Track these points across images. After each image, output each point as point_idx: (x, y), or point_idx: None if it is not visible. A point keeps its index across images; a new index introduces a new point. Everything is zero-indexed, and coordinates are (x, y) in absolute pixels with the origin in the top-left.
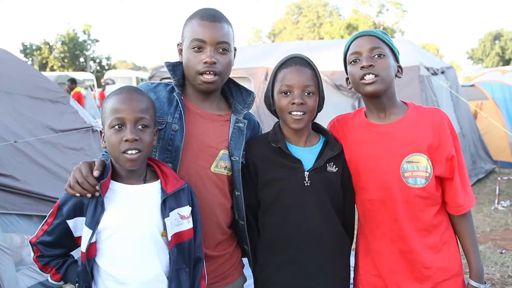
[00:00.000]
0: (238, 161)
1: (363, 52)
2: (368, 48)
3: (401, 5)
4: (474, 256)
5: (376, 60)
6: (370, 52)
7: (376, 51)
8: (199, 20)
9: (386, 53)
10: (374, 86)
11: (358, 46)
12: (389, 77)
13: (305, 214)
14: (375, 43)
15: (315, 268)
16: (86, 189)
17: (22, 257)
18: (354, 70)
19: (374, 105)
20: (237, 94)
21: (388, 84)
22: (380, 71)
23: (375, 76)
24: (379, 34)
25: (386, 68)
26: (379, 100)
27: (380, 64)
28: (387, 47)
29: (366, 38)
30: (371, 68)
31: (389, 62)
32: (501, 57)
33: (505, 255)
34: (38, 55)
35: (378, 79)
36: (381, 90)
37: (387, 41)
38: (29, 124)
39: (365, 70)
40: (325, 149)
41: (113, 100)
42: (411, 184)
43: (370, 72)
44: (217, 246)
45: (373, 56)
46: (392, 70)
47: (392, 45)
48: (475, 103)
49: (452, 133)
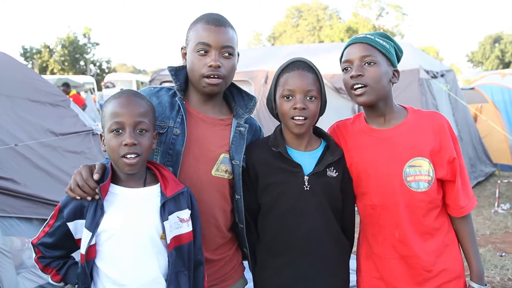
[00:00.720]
0: (239, 165)
1: (354, 61)
2: (358, 57)
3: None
4: (475, 257)
5: (366, 69)
6: (360, 61)
7: (367, 59)
8: (205, 24)
9: (378, 61)
10: (363, 97)
11: (350, 54)
12: (379, 86)
13: (304, 218)
14: (365, 51)
15: (314, 271)
16: (86, 192)
17: (23, 260)
18: (345, 78)
19: (371, 112)
20: (239, 99)
21: (379, 92)
22: (369, 80)
23: (364, 86)
24: (371, 41)
25: (376, 77)
26: (375, 107)
27: (370, 73)
28: (380, 53)
29: (357, 46)
30: (360, 78)
31: (380, 69)
32: (501, 60)
33: (505, 258)
34: (38, 59)
35: (367, 89)
36: (371, 100)
37: (379, 47)
38: (29, 127)
39: (354, 80)
40: (325, 154)
41: (113, 104)
42: (414, 188)
43: (358, 82)
44: (217, 249)
45: (363, 64)
46: (384, 77)
47: (386, 50)
48: (475, 106)
49: (452, 136)
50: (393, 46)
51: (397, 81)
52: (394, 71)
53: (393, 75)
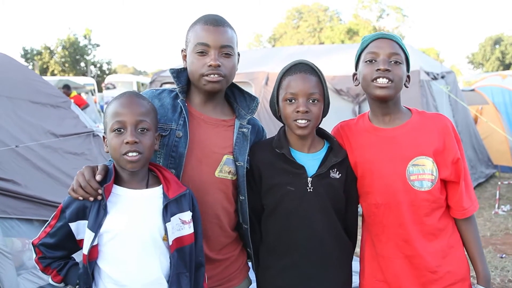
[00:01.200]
0: (243, 166)
1: (381, 54)
2: (387, 52)
3: (402, 9)
4: (481, 260)
5: (393, 66)
6: (388, 57)
7: (394, 57)
8: (203, 24)
9: (402, 61)
10: (386, 90)
11: (378, 47)
12: (401, 85)
13: (307, 220)
14: (395, 48)
15: (317, 272)
16: (89, 193)
17: (23, 262)
18: (367, 70)
19: (380, 109)
20: (241, 100)
21: (398, 91)
22: (394, 77)
23: (389, 81)
24: (400, 41)
25: (400, 75)
26: (386, 104)
27: (395, 70)
28: (404, 55)
29: (387, 41)
30: (387, 73)
31: (404, 70)
32: (501, 62)
33: (505, 260)
34: (39, 60)
35: (392, 85)
36: (392, 95)
37: (405, 49)
38: (30, 128)
39: (381, 73)
40: (329, 155)
41: (114, 105)
42: (417, 187)
43: (385, 76)
44: (222, 250)
45: (390, 61)
46: (404, 78)
47: (408, 54)
48: (475, 108)
49: (456, 137)
50: None
51: (408, 86)
52: (407, 76)
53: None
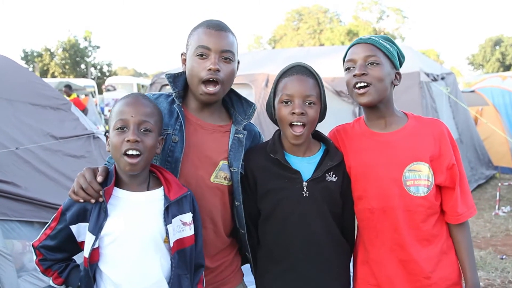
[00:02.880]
0: (238, 172)
1: (357, 60)
2: (362, 56)
3: (402, 11)
4: (470, 268)
5: (370, 68)
6: (364, 60)
7: (370, 59)
8: (205, 28)
9: (381, 61)
10: (366, 97)
11: (354, 54)
12: (382, 86)
13: (304, 224)
14: (370, 51)
15: (315, 276)
16: (90, 195)
17: (24, 264)
18: (347, 77)
19: (372, 113)
20: (238, 105)
21: (382, 93)
22: (372, 79)
23: (367, 85)
24: (376, 42)
25: (378, 76)
26: (376, 108)
27: (373, 72)
28: (383, 55)
29: (362, 46)
30: (363, 77)
31: (384, 70)
32: (502, 63)
33: (505, 261)
34: (39, 62)
35: (370, 89)
36: (373, 100)
37: (383, 49)
38: (30, 131)
39: (357, 78)
40: (324, 158)
41: (120, 104)
42: (413, 193)
43: (362, 80)
44: (216, 255)
45: (367, 64)
46: (386, 78)
47: (389, 53)
48: (475, 109)
49: (452, 143)
50: (396, 50)
51: (398, 83)
52: (396, 73)
53: (395, 77)
